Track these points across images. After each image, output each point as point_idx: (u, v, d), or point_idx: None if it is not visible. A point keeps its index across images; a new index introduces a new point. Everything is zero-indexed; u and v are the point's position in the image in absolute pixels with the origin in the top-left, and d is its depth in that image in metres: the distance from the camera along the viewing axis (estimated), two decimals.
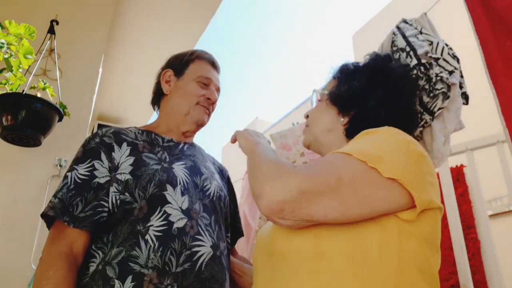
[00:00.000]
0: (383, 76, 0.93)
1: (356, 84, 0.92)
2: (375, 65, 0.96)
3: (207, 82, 1.21)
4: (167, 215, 0.98)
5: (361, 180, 0.69)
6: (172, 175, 1.05)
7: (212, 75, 1.24)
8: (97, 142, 1.06)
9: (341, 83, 0.95)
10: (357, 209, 0.68)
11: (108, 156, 1.04)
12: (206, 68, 1.24)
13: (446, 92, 1.16)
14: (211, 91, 1.21)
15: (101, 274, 0.93)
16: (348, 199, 0.67)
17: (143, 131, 1.16)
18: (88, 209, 0.97)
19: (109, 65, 3.49)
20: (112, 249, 0.95)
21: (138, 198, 0.99)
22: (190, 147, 1.21)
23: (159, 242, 0.95)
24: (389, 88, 0.91)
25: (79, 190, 0.99)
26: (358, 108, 0.91)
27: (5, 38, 1.61)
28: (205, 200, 1.08)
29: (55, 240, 0.95)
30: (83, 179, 1.00)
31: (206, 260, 0.98)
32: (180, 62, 1.24)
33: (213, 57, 1.28)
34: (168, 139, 1.17)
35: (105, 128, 1.12)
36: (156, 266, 0.92)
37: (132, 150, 1.07)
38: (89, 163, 1.02)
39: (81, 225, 0.95)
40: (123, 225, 0.98)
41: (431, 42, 1.21)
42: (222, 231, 1.10)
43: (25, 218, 1.98)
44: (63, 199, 0.98)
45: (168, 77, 1.23)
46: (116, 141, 1.07)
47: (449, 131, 1.17)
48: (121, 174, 1.01)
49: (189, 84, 1.20)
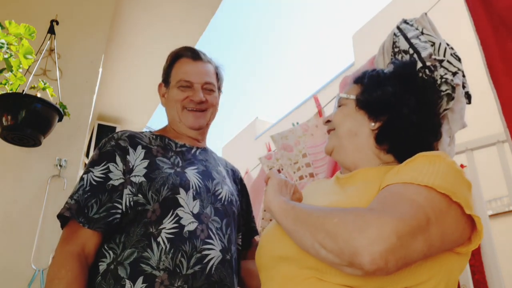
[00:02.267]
0: (415, 84, 0.92)
1: (389, 89, 0.90)
2: (405, 73, 0.94)
3: (188, 84, 1.17)
4: (178, 218, 1.00)
5: (446, 217, 0.67)
6: (185, 179, 1.06)
7: (193, 72, 1.19)
8: (113, 145, 1.08)
9: (370, 88, 0.93)
10: (439, 245, 0.68)
11: (123, 159, 1.06)
12: (184, 67, 1.20)
13: (451, 93, 1.16)
14: (194, 91, 1.17)
15: (112, 273, 0.95)
16: (435, 238, 0.66)
17: (157, 136, 1.17)
18: (102, 210, 0.99)
19: (109, 65, 3.49)
20: (124, 250, 0.98)
21: (151, 200, 1.01)
22: (202, 151, 1.21)
23: (170, 245, 0.97)
24: (421, 97, 0.90)
25: (94, 192, 1.01)
26: (391, 114, 0.89)
27: (5, 38, 1.61)
28: (216, 204, 1.09)
29: (68, 240, 0.98)
30: (98, 181, 1.02)
31: (216, 264, 1.00)
32: (165, 71, 1.24)
33: (191, 48, 1.23)
34: (181, 144, 1.18)
35: (120, 132, 1.14)
36: (168, 268, 0.94)
37: (146, 154, 1.08)
38: (104, 165, 1.04)
39: (95, 226, 0.98)
40: (135, 226, 0.99)
41: (433, 43, 1.21)
42: (233, 235, 1.11)
43: (25, 218, 1.98)
44: (79, 201, 1.00)
45: (162, 90, 1.25)
46: (131, 144, 1.09)
47: (453, 131, 1.17)
48: (135, 176, 1.03)
49: (172, 92, 1.19)
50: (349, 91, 0.99)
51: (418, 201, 0.66)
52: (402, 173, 0.74)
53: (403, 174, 0.73)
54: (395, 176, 0.74)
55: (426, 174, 0.70)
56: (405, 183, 0.70)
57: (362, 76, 0.99)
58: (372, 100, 0.91)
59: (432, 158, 0.75)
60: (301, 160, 1.94)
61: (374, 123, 0.91)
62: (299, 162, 1.94)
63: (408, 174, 0.72)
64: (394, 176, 0.75)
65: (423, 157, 0.76)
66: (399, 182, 0.71)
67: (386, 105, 0.89)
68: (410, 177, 0.71)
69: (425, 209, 0.65)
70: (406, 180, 0.71)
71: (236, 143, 10.10)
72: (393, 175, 0.76)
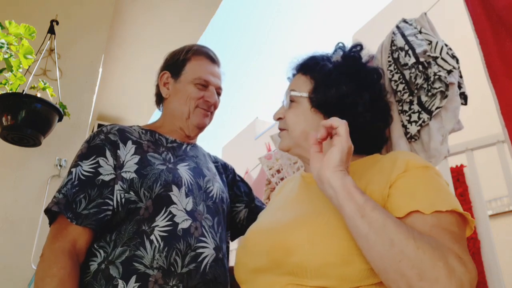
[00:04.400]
0: (366, 78, 0.92)
1: (344, 88, 0.88)
2: (356, 68, 0.93)
3: (205, 84, 1.17)
4: (172, 216, 0.98)
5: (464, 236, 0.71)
6: (178, 176, 1.04)
7: (211, 73, 1.19)
8: (102, 138, 1.04)
9: (323, 86, 0.90)
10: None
11: (113, 153, 1.02)
12: (204, 66, 1.19)
13: (444, 91, 1.16)
14: (210, 93, 1.17)
15: (103, 273, 0.92)
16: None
17: (146, 131, 1.14)
18: (92, 206, 0.95)
19: (109, 65, 3.49)
20: (115, 249, 0.94)
21: (144, 197, 0.98)
22: (192, 148, 1.20)
23: (164, 243, 0.94)
24: (373, 91, 0.91)
25: (82, 187, 0.97)
26: (346, 113, 0.87)
27: (5, 38, 1.61)
28: (208, 201, 1.08)
29: (57, 237, 0.93)
30: (87, 176, 0.98)
31: (210, 262, 0.97)
32: (176, 62, 1.20)
33: (211, 50, 1.23)
34: (172, 139, 1.16)
35: (109, 125, 1.10)
36: (162, 266, 0.92)
37: (137, 149, 1.05)
38: (93, 159, 1.01)
39: (84, 222, 0.94)
40: (127, 224, 0.96)
41: (430, 42, 1.21)
42: (224, 233, 1.10)
43: (25, 218, 1.98)
44: (67, 195, 0.96)
45: (166, 79, 1.21)
46: (121, 139, 1.06)
47: (447, 130, 1.17)
48: (126, 172, 1.00)
49: (187, 87, 1.16)
50: (299, 86, 0.94)
51: (457, 232, 0.68)
52: (417, 196, 0.72)
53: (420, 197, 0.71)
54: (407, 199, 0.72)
55: (439, 196, 0.72)
56: (432, 213, 0.69)
57: (311, 67, 0.94)
58: (327, 100, 0.89)
59: (425, 169, 0.76)
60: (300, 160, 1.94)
61: None
62: (299, 161, 1.94)
63: (425, 198, 0.71)
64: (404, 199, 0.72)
65: (419, 168, 0.76)
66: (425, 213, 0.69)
67: (342, 105, 0.88)
68: (429, 204, 0.70)
69: (464, 236, 0.69)
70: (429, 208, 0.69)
71: (236, 143, 10.10)
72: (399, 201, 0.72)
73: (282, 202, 0.96)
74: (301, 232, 0.74)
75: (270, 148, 3.26)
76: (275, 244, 0.77)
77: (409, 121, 1.21)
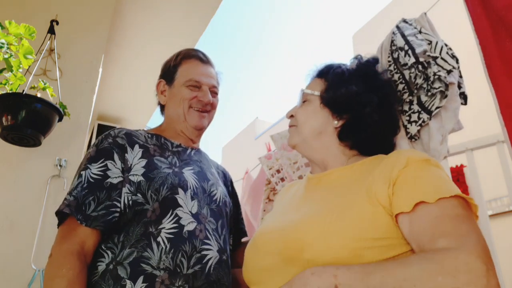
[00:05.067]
0: (376, 82, 0.95)
1: (354, 88, 0.92)
2: (369, 72, 0.97)
3: (198, 84, 1.20)
4: (178, 218, 1.00)
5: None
6: (183, 180, 1.07)
7: (202, 73, 1.22)
8: (110, 142, 1.07)
9: (335, 86, 0.95)
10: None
11: (121, 157, 1.05)
12: (194, 68, 1.22)
13: (444, 91, 1.16)
14: (203, 92, 1.20)
15: (112, 273, 0.94)
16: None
17: (152, 135, 1.17)
18: (101, 208, 0.98)
19: (109, 65, 3.49)
20: (123, 250, 0.97)
21: (151, 200, 1.01)
22: (196, 152, 1.22)
23: (170, 244, 0.96)
24: (382, 95, 0.94)
25: (92, 189, 1.00)
26: (354, 112, 0.92)
27: (5, 38, 1.61)
28: (212, 205, 1.10)
29: (66, 238, 0.96)
30: (96, 179, 1.01)
31: (214, 264, 1.00)
32: (168, 69, 1.24)
33: (201, 52, 1.26)
34: (177, 144, 1.19)
35: (116, 129, 1.13)
36: (168, 267, 0.94)
37: (144, 153, 1.08)
38: (102, 162, 1.03)
39: (93, 224, 0.96)
40: (135, 226, 0.99)
41: (430, 42, 1.21)
42: (227, 236, 1.12)
43: (25, 218, 1.98)
44: (78, 197, 0.99)
45: (162, 87, 1.25)
46: (129, 142, 1.08)
47: (446, 130, 1.17)
48: (134, 175, 1.03)
49: (180, 90, 1.20)
50: (313, 87, 0.99)
51: (474, 225, 0.69)
52: (420, 188, 0.73)
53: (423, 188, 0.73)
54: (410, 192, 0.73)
55: (442, 182, 0.74)
56: (437, 200, 0.70)
57: (326, 71, 1.00)
58: (336, 99, 0.93)
59: (430, 163, 0.79)
60: (300, 160, 1.94)
61: (337, 121, 0.93)
62: (299, 161, 1.94)
63: (428, 188, 0.72)
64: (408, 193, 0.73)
65: (424, 162, 0.78)
66: (429, 202, 0.70)
67: (350, 104, 0.92)
68: (433, 192, 0.71)
69: (471, 216, 0.70)
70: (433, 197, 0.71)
71: (236, 143, 10.11)
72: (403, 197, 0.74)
73: (289, 204, 0.98)
74: (315, 229, 0.77)
75: (270, 148, 3.26)
76: (289, 241, 0.79)
77: (409, 121, 1.22)
